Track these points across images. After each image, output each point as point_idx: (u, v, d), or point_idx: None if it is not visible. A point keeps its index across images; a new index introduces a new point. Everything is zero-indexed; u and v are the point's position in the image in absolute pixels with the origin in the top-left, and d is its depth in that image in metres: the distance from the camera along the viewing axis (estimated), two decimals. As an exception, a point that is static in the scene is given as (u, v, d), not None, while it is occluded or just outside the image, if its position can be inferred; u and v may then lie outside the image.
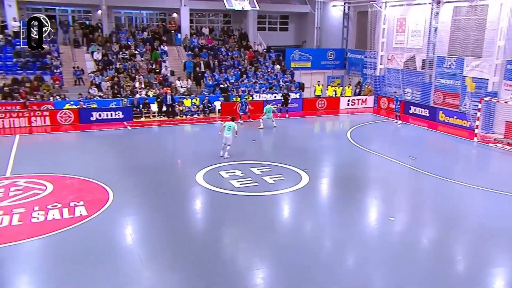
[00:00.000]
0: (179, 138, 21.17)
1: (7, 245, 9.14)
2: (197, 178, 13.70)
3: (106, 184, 12.85)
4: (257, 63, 30.53)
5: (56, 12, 30.92)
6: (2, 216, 10.40)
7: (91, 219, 10.49)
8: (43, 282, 8.02)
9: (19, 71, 24.49)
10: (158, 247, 9.31)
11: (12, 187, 12.45)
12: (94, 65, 26.76)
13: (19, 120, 21.06)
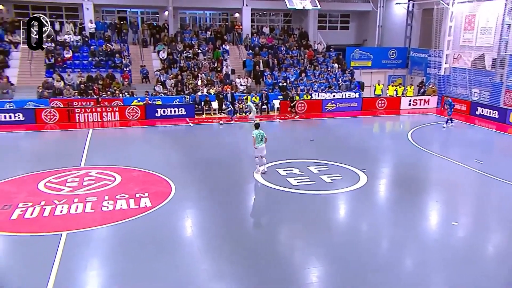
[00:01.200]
0: (238, 135, 21.47)
1: (81, 230, 9.77)
2: (255, 175, 13.84)
3: (168, 177, 13.33)
4: (316, 62, 30.23)
5: (127, 13, 32.47)
6: (77, 204, 11.13)
7: (154, 210, 10.94)
8: (111, 267, 8.49)
9: (93, 69, 26.00)
10: (216, 240, 9.53)
11: (85, 177, 13.27)
12: (160, 63, 27.80)
13: (93, 115, 22.37)
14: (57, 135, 20.14)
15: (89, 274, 8.21)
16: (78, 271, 8.14)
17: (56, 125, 21.43)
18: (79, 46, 27.15)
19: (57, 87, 23.89)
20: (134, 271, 8.16)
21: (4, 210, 10.63)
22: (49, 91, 23.50)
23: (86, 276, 8.11)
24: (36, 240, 9.30)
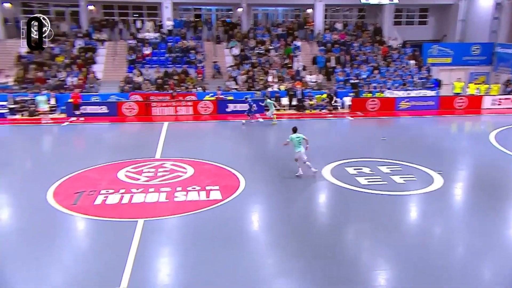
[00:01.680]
0: (307, 131, 21.30)
1: (155, 218, 10.30)
2: (323, 172, 13.69)
3: (238, 172, 13.59)
4: (390, 59, 29.13)
5: (202, 11, 33.48)
6: (153, 194, 11.73)
7: (224, 204, 11.21)
8: (181, 255, 8.85)
9: (170, 65, 27.18)
10: (282, 236, 9.57)
11: (160, 168, 13.93)
12: (232, 59, 28.36)
13: (168, 109, 23.41)
14: (135, 127, 21.34)
15: (161, 260, 8.63)
16: (151, 257, 8.59)
17: (135, 118, 22.69)
18: (157, 43, 28.48)
19: (137, 81, 25.27)
20: (202, 262, 8.43)
21: (89, 196, 11.48)
22: (129, 86, 24.93)
23: (158, 262, 8.54)
24: (116, 225, 9.94)
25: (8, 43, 27.23)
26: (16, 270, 8.10)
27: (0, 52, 26.48)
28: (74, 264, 8.42)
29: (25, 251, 8.81)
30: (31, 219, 10.34)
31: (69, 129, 20.66)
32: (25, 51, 26.33)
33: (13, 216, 10.95)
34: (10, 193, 12.46)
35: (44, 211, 10.68)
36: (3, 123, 21.25)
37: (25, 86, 24.14)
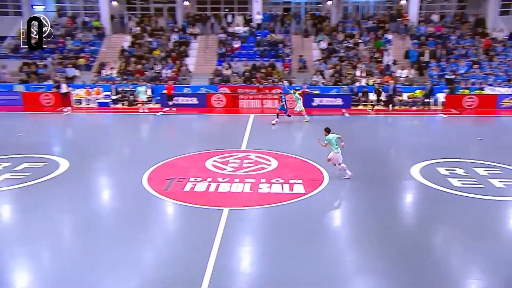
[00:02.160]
0: (395, 128, 20.47)
1: (240, 208, 10.60)
2: (412, 171, 13.05)
3: (322, 166, 13.46)
4: (493, 52, 26.76)
5: (292, 4, 33.47)
6: (238, 184, 12.07)
7: (307, 198, 11.19)
8: (263, 246, 9.01)
9: (257, 58, 27.62)
10: (365, 233, 9.31)
11: (245, 160, 14.27)
12: (319, 53, 28.03)
13: (254, 101, 23.85)
14: (222, 119, 22.07)
15: (244, 249, 8.87)
16: (235, 245, 8.87)
17: (222, 110, 23.46)
18: (246, 37, 29.06)
19: (226, 74, 26.07)
20: (283, 254, 8.50)
21: (179, 182, 12.15)
22: (218, 78, 25.81)
23: (241, 250, 8.79)
24: (203, 212, 10.41)
25: (113, 38, 29.57)
26: (113, 247, 8.84)
27: (106, 46, 28.86)
28: (164, 246, 8.98)
29: (122, 230, 9.59)
30: (128, 201, 11.20)
31: (162, 118, 21.97)
32: (128, 45, 28.42)
33: (112, 197, 11.96)
34: (111, 176, 13.61)
35: (139, 194, 11.50)
36: (107, 111, 23.20)
37: (126, 78, 26.09)
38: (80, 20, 30.96)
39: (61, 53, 27.97)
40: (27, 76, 25.99)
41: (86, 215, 10.47)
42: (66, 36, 29.12)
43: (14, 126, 20.06)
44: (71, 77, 25.87)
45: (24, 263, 8.36)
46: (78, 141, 17.75)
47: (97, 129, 20.48)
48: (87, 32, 29.71)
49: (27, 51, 27.80)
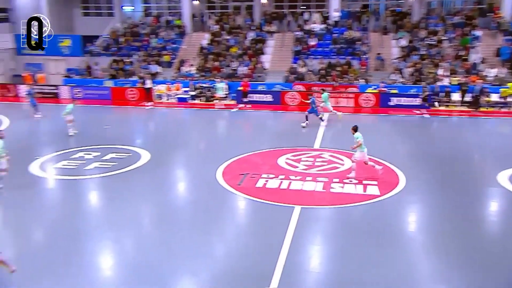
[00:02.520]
0: (481, 131, 19.08)
1: (312, 207, 10.54)
2: (499, 178, 12.10)
3: (398, 168, 12.95)
4: None
5: (371, 1, 32.46)
6: (310, 182, 12.01)
7: (381, 200, 10.84)
8: (334, 246, 8.89)
9: (333, 56, 27.17)
10: (441, 242, 8.81)
11: (318, 158, 14.15)
12: (399, 51, 26.91)
13: (329, 100, 23.46)
14: (296, 117, 21.99)
15: (314, 248, 8.82)
16: (306, 244, 8.84)
17: (296, 107, 23.41)
18: (323, 34, 28.70)
19: (300, 72, 25.98)
20: (354, 255, 8.32)
21: (252, 178, 12.35)
22: (293, 76, 25.79)
23: (312, 249, 8.74)
24: (275, 209, 10.50)
25: (193, 36, 30.72)
26: (188, 238, 9.23)
27: (186, 44, 30.07)
28: (235, 240, 9.20)
29: (196, 222, 9.97)
30: (203, 194, 11.62)
31: (237, 114, 22.45)
32: (207, 43, 29.37)
33: (188, 189, 12.47)
34: (187, 168, 14.20)
35: (214, 188, 11.88)
36: (186, 106, 24.19)
37: (204, 74, 26.99)
38: (164, 19, 32.54)
39: (145, 51, 29.61)
40: (115, 72, 27.87)
41: (164, 205, 11.03)
42: (150, 35, 30.75)
43: (103, 119, 21.65)
44: (154, 73, 27.30)
45: (109, 247, 9.02)
46: (159, 134, 18.75)
47: (176, 123, 21.45)
48: (169, 31, 31.15)
49: (117, 49, 29.80)
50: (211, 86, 24.91)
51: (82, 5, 34.45)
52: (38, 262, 8.21)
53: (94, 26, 32.25)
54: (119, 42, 30.55)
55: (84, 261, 8.28)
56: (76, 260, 8.25)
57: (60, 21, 32.92)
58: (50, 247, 8.88)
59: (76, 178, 12.70)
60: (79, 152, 14.94)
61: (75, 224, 9.82)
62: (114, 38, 30.87)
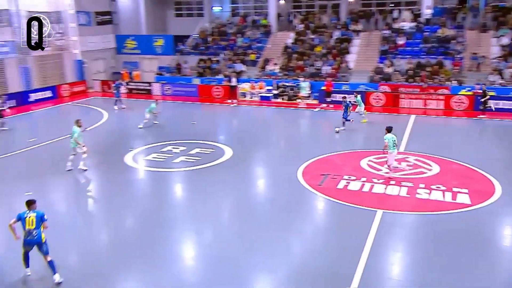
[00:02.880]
0: None
1: (394, 212, 10.13)
2: None
3: (493, 176, 11.96)
4: None
5: (469, -4, 30.18)
6: (393, 186, 11.54)
7: (473, 210, 10.11)
8: (417, 254, 8.46)
9: (423, 56, 25.74)
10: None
11: (403, 162, 13.52)
12: (499, 50, 24.75)
13: (417, 101, 22.36)
14: (380, 118, 21.23)
15: (395, 255, 8.47)
16: (387, 250, 8.54)
17: (381, 108, 22.59)
18: (412, 33, 27.33)
19: (387, 72, 24.99)
20: (438, 265, 7.85)
21: (333, 179, 12.17)
22: (379, 76, 24.89)
23: (393, 256, 8.41)
24: (355, 211, 10.25)
25: (278, 35, 30.96)
26: (266, 234, 9.34)
27: (271, 43, 30.37)
28: (314, 240, 9.15)
29: (275, 219, 10.07)
30: (283, 192, 11.70)
31: (319, 114, 22.22)
32: (291, 42, 29.44)
33: (269, 187, 12.62)
34: (268, 166, 14.36)
35: (294, 186, 11.90)
36: (268, 105, 24.47)
37: (287, 73, 27.08)
38: (250, 19, 33.20)
39: (231, 50, 30.45)
40: (202, 70, 29.05)
41: (244, 201, 11.30)
42: (237, 34, 31.57)
43: (190, 115, 22.67)
44: (239, 71, 27.98)
45: (191, 238, 9.45)
46: (241, 132, 19.20)
47: (258, 121, 21.81)
48: (255, 30, 31.71)
49: (205, 48, 31.05)
50: (294, 85, 24.93)
51: (175, 7, 36.32)
52: (128, 246, 8.86)
53: (185, 26, 33.87)
54: (207, 41, 31.77)
55: (168, 249, 8.77)
56: (161, 247, 8.77)
57: (155, 22, 35.09)
58: (139, 233, 9.54)
59: (164, 170, 13.47)
60: (168, 146, 15.81)
61: (162, 213, 10.43)
62: (202, 38, 32.16)
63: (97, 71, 31.70)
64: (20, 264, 7.70)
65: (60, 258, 7.94)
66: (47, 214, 7.75)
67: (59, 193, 12.25)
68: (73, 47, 28.41)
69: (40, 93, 25.60)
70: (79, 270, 8.18)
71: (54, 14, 26.84)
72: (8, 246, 8.58)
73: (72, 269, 8.13)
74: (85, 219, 10.58)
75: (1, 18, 23.64)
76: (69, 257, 8.60)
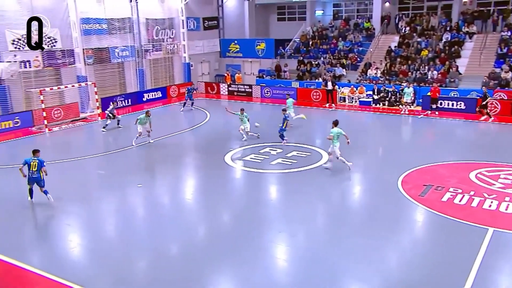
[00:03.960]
0: None
1: (508, 231, 9.17)
2: None
3: None
4: None
5: None
6: (508, 203, 10.45)
7: None
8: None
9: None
10: None
11: (520, 177, 12.20)
12: None
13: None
14: (494, 128, 19.40)
15: (507, 278, 7.65)
16: (498, 272, 7.76)
17: (495, 117, 20.60)
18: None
19: (504, 78, 22.73)
20: None
21: (437, 191, 11.40)
22: (494, 82, 22.74)
23: (505, 281, 7.60)
24: (462, 227, 9.49)
25: (382, 39, 29.86)
26: (362, 241, 9.06)
27: (374, 46, 29.39)
28: (412, 252, 8.65)
29: (372, 227, 9.72)
30: (381, 200, 11.26)
31: (423, 122, 20.96)
32: (395, 46, 28.22)
33: (366, 193, 12.22)
34: (367, 172, 13.90)
35: (393, 195, 11.40)
36: (368, 110, 23.71)
37: (389, 78, 25.98)
38: (353, 22, 32.51)
39: (332, 54, 30.09)
40: (302, 73, 29.13)
41: (340, 206, 11.11)
42: (339, 38, 31.13)
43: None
44: (338, 75, 27.54)
45: (284, 239, 9.52)
46: (339, 136, 18.72)
47: (357, 127, 21.21)
48: (357, 33, 30.97)
49: (305, 51, 31.12)
50: (397, 90, 23.83)
51: (278, 11, 36.98)
52: (222, 241, 9.23)
53: (287, 30, 34.33)
54: (308, 45, 31.81)
55: (261, 247, 8.95)
56: (255, 245, 8.98)
57: (258, 27, 36.10)
58: (234, 230, 9.89)
59: (261, 171, 13.77)
60: (266, 148, 16.12)
61: (257, 212, 10.68)
62: (303, 41, 32.28)
63: (202, 73, 33.55)
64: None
65: (161, 246, 8.55)
66: (154, 207, 8.40)
67: (165, 186, 13.19)
68: (182, 51, 30.37)
69: (152, 93, 27.85)
70: (176, 259, 8.74)
71: (167, 20, 28.98)
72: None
73: (170, 258, 8.73)
74: (184, 212, 11.24)
75: (124, 25, 26.10)
76: (169, 246, 9.22)
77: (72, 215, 10.98)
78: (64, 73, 23.36)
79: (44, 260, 8.83)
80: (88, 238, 9.77)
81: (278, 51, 32.14)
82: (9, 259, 8.64)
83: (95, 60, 24.43)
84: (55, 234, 10.05)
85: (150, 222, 10.43)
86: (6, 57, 20.20)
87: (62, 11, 22.66)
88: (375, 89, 24.79)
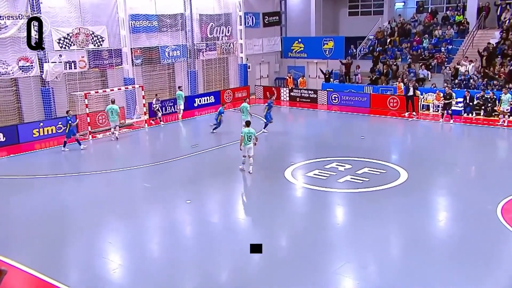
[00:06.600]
0: None
1: None
2: None
3: None
4: None
5: None
6: None
7: None
8: None
9: None
10: None
11: None
12: None
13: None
14: None
15: None
16: None
17: None
18: None
19: None
20: None
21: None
22: None
23: None
24: None
25: (477, 34, 28.51)
26: (440, 272, 8.71)
27: (467, 44, 28.14)
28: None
29: (461, 260, 9.33)
30: (473, 229, 10.80)
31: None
32: (496, 42, 26.88)
33: (453, 221, 11.74)
34: (454, 196, 13.37)
35: (489, 224, 10.91)
36: (457, 121, 22.71)
37: (487, 82, 24.78)
38: (441, 15, 31.43)
39: (415, 52, 29.24)
40: (377, 77, 28.53)
41: (421, 233, 10.78)
42: (423, 34, 30.20)
43: (360, 128, 22.56)
44: (421, 79, 26.75)
45: (352, 266, 9.38)
46: (421, 152, 18.15)
47: (442, 140, 20.51)
48: (446, 29, 29.91)
49: (382, 50, 30.53)
50: (495, 97, 22.73)
51: (350, 4, 36.69)
52: (279, 271, 9.28)
53: (360, 26, 33.89)
54: (385, 43, 31.21)
55: (325, 280, 8.90)
56: (318, 277, 8.93)
57: (326, 23, 36.05)
58: (294, 258, 9.89)
59: (326, 189, 13.68)
60: (333, 163, 16.01)
61: (321, 238, 10.64)
62: (379, 39, 31.73)
63: (261, 76, 33.95)
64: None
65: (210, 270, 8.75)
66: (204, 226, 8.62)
67: (216, 203, 13.49)
68: (239, 51, 30.96)
69: (204, 98, 28.59)
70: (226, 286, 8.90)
71: (223, 16, 29.70)
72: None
73: (220, 284, 8.92)
74: (237, 233, 11.40)
75: (176, 22, 27.05)
76: (219, 270, 9.40)
77: (115, 232, 11.52)
78: (110, 75, 24.63)
79: (83, 281, 9.29)
80: (130, 258, 10.20)
81: (349, 51, 31.86)
82: (45, 277, 9.19)
83: (144, 60, 25.56)
84: (95, 253, 10.52)
85: (199, 243, 10.70)
86: (52, 57, 21.65)
87: (110, 7, 23.94)
88: (467, 95, 23.73)
